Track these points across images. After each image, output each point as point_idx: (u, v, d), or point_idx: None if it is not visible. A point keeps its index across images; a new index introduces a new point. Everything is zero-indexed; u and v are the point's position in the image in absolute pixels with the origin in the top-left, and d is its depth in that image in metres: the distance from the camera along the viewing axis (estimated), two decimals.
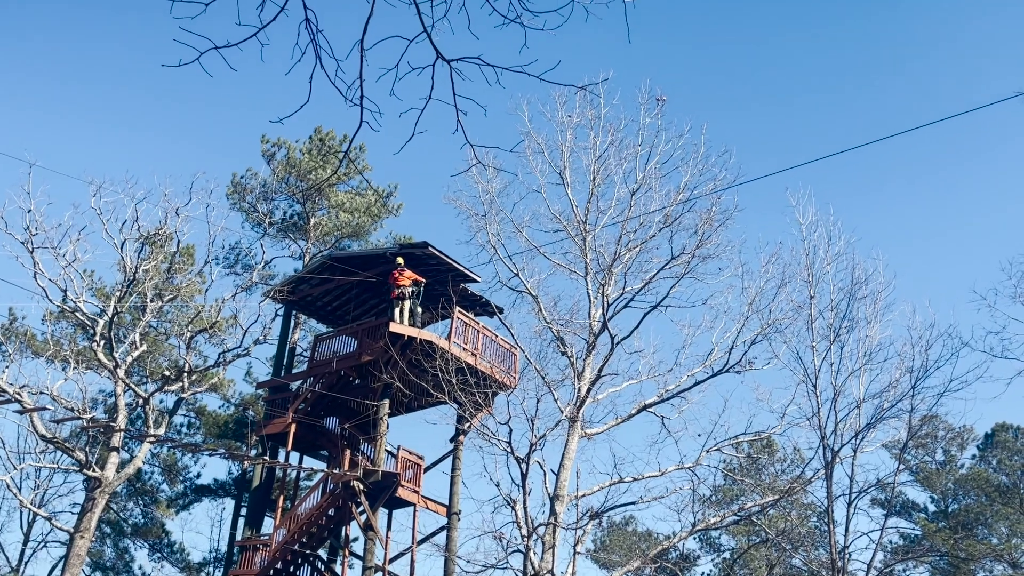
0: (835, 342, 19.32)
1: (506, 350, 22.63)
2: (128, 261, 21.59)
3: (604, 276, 18.64)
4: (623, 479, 18.39)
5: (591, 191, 19.11)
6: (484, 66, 3.91)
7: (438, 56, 3.98)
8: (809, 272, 19.97)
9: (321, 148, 30.56)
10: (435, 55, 3.96)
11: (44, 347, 26.42)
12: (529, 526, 17.16)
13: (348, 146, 3.54)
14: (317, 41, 3.90)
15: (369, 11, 3.79)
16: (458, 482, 21.68)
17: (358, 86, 4.13)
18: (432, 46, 3.93)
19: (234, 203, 30.90)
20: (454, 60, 3.96)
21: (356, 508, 20.09)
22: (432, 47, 3.94)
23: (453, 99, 4.04)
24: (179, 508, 31.87)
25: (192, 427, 31.27)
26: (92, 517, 20.82)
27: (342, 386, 22.38)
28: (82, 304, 21.83)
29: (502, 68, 3.91)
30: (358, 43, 3.89)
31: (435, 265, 21.77)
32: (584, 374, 18.19)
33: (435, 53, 3.95)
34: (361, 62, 3.92)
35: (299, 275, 24.05)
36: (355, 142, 31.04)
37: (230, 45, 3.92)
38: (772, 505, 20.55)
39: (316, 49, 3.92)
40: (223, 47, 3.91)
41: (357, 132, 4.11)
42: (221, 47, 3.90)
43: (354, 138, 4.21)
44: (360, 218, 30.19)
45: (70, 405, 21.53)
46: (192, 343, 23.13)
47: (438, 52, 3.96)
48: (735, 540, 35.36)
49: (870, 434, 19.10)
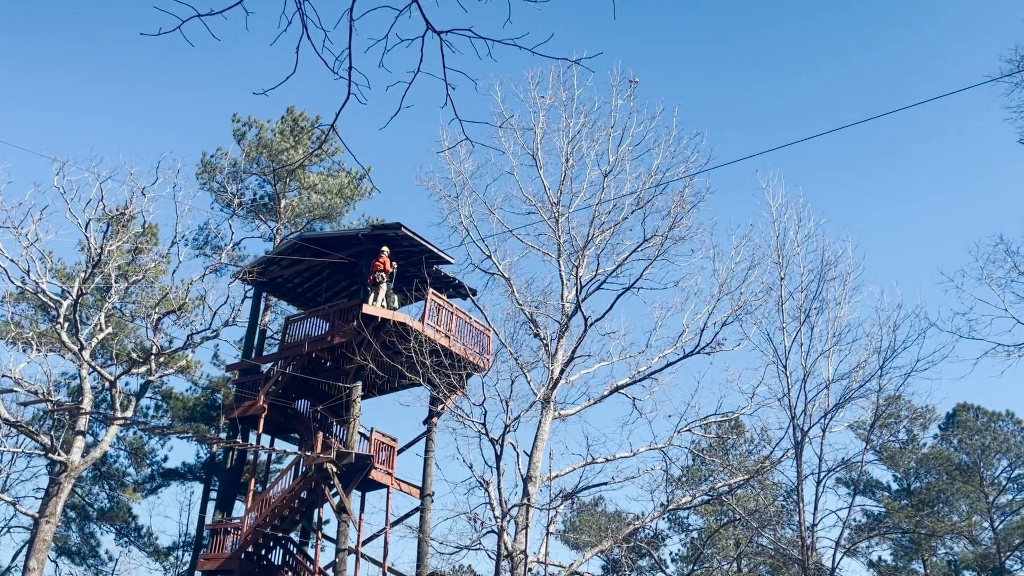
0: (805, 323, 19.55)
1: (480, 332, 22.58)
2: (92, 241, 21.15)
3: (577, 258, 18.64)
4: (595, 460, 18.49)
5: (564, 173, 19.06)
6: (475, 38, 3.83)
7: (428, 27, 3.88)
8: (779, 254, 20.15)
9: (294, 128, 30.09)
10: (425, 26, 3.87)
11: (5, 329, 25.86)
12: (503, 507, 17.19)
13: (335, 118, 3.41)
14: (304, 10, 3.79)
15: None
16: (431, 464, 21.67)
17: (345, 58, 4.03)
18: (422, 16, 3.84)
19: (203, 183, 30.41)
20: (444, 32, 3.87)
21: (329, 490, 19.99)
22: (422, 17, 3.84)
23: (443, 72, 3.95)
24: (146, 492, 31.50)
25: (160, 410, 30.86)
26: (57, 502, 20.49)
27: (314, 368, 22.20)
28: (44, 285, 21.36)
29: (494, 40, 3.83)
30: (347, 12, 3.78)
31: (408, 246, 21.63)
32: (557, 356, 18.21)
33: (425, 24, 3.86)
34: (351, 32, 3.81)
35: (269, 256, 23.75)
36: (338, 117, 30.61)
37: (214, 13, 3.79)
38: (741, 485, 20.80)
39: (303, 18, 3.80)
40: (206, 15, 3.79)
41: (344, 104, 4.01)
42: (204, 15, 3.78)
43: (340, 111, 4.12)
44: (332, 199, 29.85)
45: (34, 388, 21.11)
46: (159, 325, 22.76)
47: (428, 23, 3.87)
48: (704, 520, 35.79)
49: (838, 414, 19.38)
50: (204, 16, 3.77)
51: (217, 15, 3.78)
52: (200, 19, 3.78)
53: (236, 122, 30.43)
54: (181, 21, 3.82)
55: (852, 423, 22.52)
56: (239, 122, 30.28)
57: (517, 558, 16.69)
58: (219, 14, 3.78)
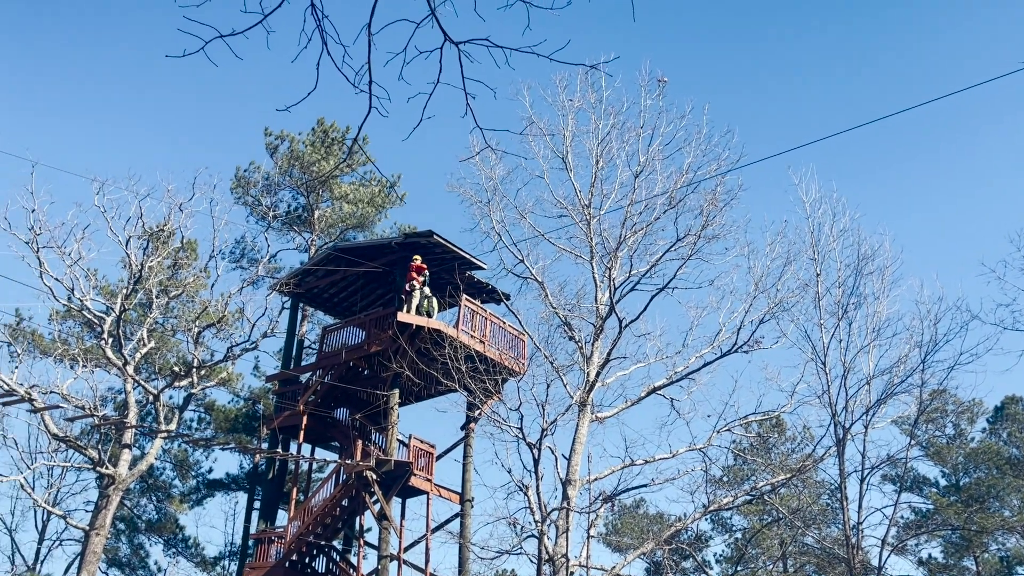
0: (843, 319, 19.29)
1: (514, 336, 22.62)
2: (133, 258, 21.58)
3: (610, 260, 18.58)
4: (634, 462, 18.41)
5: (594, 175, 19.03)
6: (493, 47, 3.86)
7: (446, 38, 3.92)
8: (815, 249, 19.92)
9: (324, 140, 30.44)
10: (443, 37, 3.91)
11: (52, 346, 26.45)
12: (542, 511, 17.20)
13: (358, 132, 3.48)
14: (323, 27, 3.86)
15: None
16: (470, 469, 21.73)
17: (365, 72, 4.09)
18: (439, 28, 3.88)
19: (238, 197, 30.86)
20: (462, 42, 3.91)
21: (370, 498, 20.15)
22: (440, 29, 3.88)
23: (462, 82, 3.99)
24: (192, 503, 31.98)
25: (203, 422, 31.33)
26: (107, 514, 20.91)
27: (351, 377, 22.40)
28: (88, 302, 21.84)
29: (511, 49, 3.86)
30: (365, 27, 3.84)
31: (440, 253, 21.74)
32: (592, 358, 18.17)
33: (443, 35, 3.90)
34: (369, 46, 3.87)
35: (305, 267, 24.03)
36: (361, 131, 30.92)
37: (235, 33, 3.87)
38: (784, 484, 20.57)
39: (322, 35, 3.87)
40: (228, 35, 3.87)
41: (366, 118, 4.07)
42: (226, 36, 3.86)
43: (363, 124, 4.17)
44: (364, 209, 30.12)
45: (81, 403, 21.57)
46: (200, 338, 23.14)
47: (445, 34, 3.91)
48: (747, 520, 35.41)
49: (881, 410, 19.09)
50: (226, 36, 3.85)
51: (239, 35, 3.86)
52: (223, 39, 3.87)
53: (268, 136, 30.87)
54: (204, 42, 3.91)
55: (896, 419, 22.15)
56: (271, 136, 30.72)
57: (558, 562, 16.68)
58: (241, 34, 3.87)
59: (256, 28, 3.90)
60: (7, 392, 18.87)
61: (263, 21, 3.85)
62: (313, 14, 3.84)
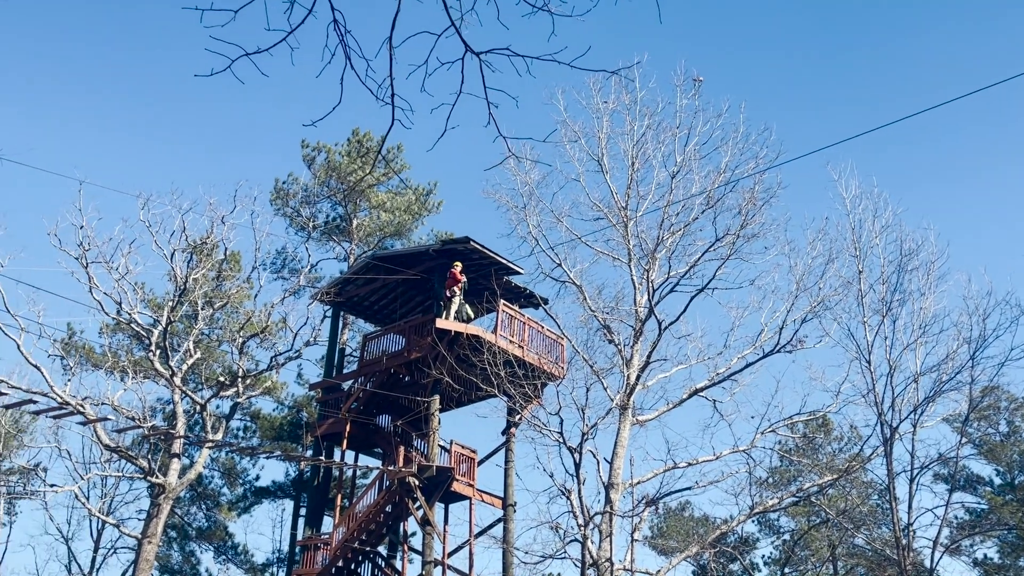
0: (887, 316, 18.94)
1: (553, 340, 22.60)
2: (178, 271, 22.01)
3: (648, 261, 18.49)
4: (677, 465, 18.29)
5: (630, 176, 18.96)
6: (513, 56, 3.89)
7: (467, 49, 3.96)
8: (856, 247, 19.60)
9: (360, 149, 30.79)
10: (464, 48, 3.94)
11: (102, 359, 27.10)
12: (585, 515, 17.16)
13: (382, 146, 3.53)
14: (346, 42, 3.92)
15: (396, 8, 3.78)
16: (512, 474, 21.75)
17: (388, 84, 4.14)
18: (460, 39, 3.92)
19: (278, 208, 31.34)
20: (483, 52, 3.94)
21: (413, 504, 20.28)
22: (460, 40, 3.92)
23: (484, 92, 4.02)
24: (240, 510, 32.50)
25: (248, 431, 31.85)
26: (158, 522, 21.34)
27: (392, 384, 22.58)
28: (136, 315, 22.32)
29: (532, 58, 3.89)
30: (386, 41, 3.89)
31: (477, 259, 21.83)
32: (632, 361, 18.08)
33: (464, 47, 3.94)
34: (390, 60, 3.93)
35: (345, 276, 24.30)
36: (390, 141, 31.26)
37: (260, 51, 3.95)
38: (831, 485, 20.25)
39: (345, 50, 3.93)
40: (253, 53, 3.95)
41: (389, 131, 4.12)
42: (252, 53, 3.94)
43: (387, 137, 4.23)
44: (401, 217, 30.40)
45: (131, 414, 22.05)
46: (244, 348, 23.52)
47: (467, 45, 3.95)
48: (795, 521, 34.89)
49: (929, 408, 18.73)
50: (252, 55, 3.93)
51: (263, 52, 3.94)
52: (248, 58, 3.95)
53: (305, 147, 31.30)
54: (231, 60, 4.00)
55: (946, 417, 21.69)
56: (308, 147, 31.15)
57: (603, 566, 16.62)
58: (265, 52, 3.95)
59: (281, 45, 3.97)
60: (61, 404, 19.36)
61: (287, 38, 3.92)
62: (336, 29, 3.91)
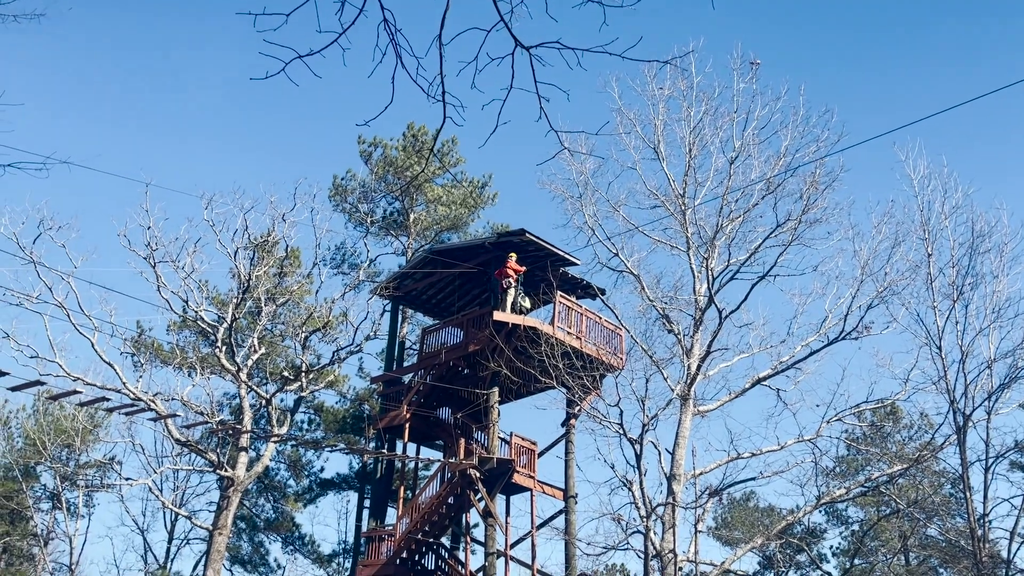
0: (959, 300, 18.36)
1: (611, 331, 22.47)
2: (241, 269, 22.48)
3: (707, 249, 18.24)
4: (740, 455, 18.05)
5: (688, 163, 18.71)
6: (564, 50, 3.84)
7: (517, 44, 3.92)
8: (925, 229, 19.01)
9: (415, 144, 31.03)
10: (514, 43, 3.91)
11: (171, 356, 27.86)
12: (647, 506, 17.05)
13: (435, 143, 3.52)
14: (396, 41, 3.92)
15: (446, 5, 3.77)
16: (572, 466, 21.73)
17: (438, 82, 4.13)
18: (510, 34, 3.89)
19: (336, 204, 31.78)
20: (533, 47, 3.90)
21: (474, 495, 20.41)
22: (510, 35, 3.89)
23: (535, 86, 3.99)
24: (306, 502, 33.12)
25: (313, 423, 32.41)
26: (228, 514, 21.88)
27: (452, 376, 22.73)
28: (202, 313, 22.87)
29: (582, 50, 3.83)
30: (436, 39, 3.88)
31: (533, 251, 21.81)
32: (693, 351, 17.88)
33: (513, 41, 3.90)
34: (440, 57, 3.92)
35: (403, 271, 24.54)
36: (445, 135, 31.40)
37: (313, 53, 3.98)
38: (901, 474, 19.75)
39: (396, 49, 3.93)
40: (306, 56, 3.98)
41: (441, 129, 4.11)
42: (304, 56, 3.97)
43: (439, 134, 4.21)
44: (457, 210, 30.57)
45: (199, 409, 22.64)
46: (307, 343, 23.93)
47: (516, 40, 3.91)
48: (863, 512, 34.13)
49: (1004, 395, 18.09)
50: (304, 57, 3.96)
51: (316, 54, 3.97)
52: (302, 60, 3.98)
53: (362, 143, 31.65)
54: (284, 63, 4.03)
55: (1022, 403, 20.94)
56: (364, 143, 31.49)
57: (666, 558, 16.51)
58: (318, 53, 3.97)
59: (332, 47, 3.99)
60: (133, 401, 19.97)
61: (338, 39, 3.94)
62: (386, 29, 3.91)
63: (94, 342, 20.84)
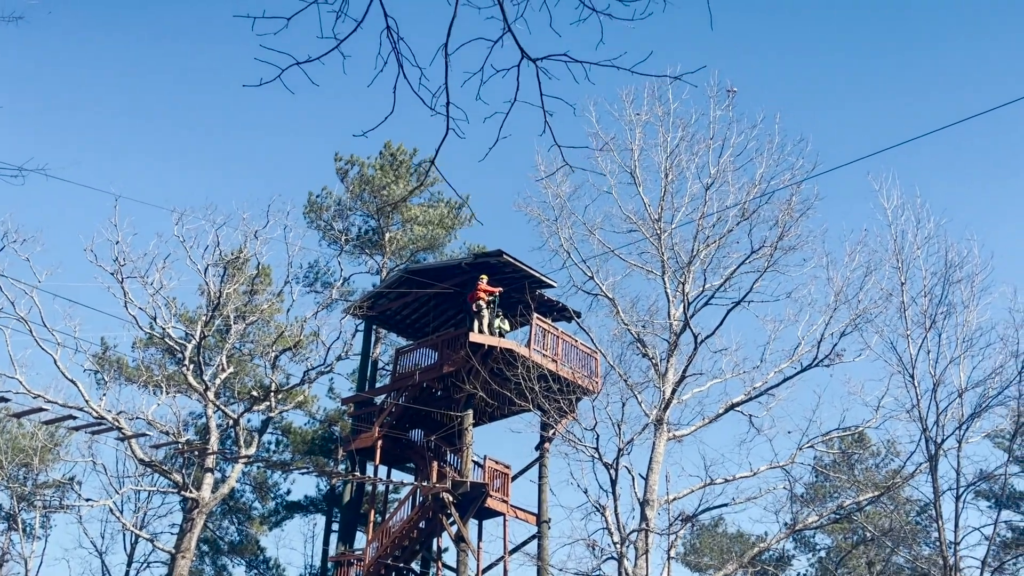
0: (931, 329, 18.49)
1: (587, 354, 22.39)
2: (211, 286, 22.11)
3: (683, 274, 18.26)
4: (714, 481, 17.98)
5: (664, 188, 18.76)
6: (571, 63, 3.75)
7: (523, 55, 3.83)
8: (898, 258, 19.18)
9: (393, 163, 30.90)
10: (520, 55, 3.81)
11: (136, 373, 27.29)
12: (621, 532, 16.89)
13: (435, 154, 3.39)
14: (399, 49, 3.81)
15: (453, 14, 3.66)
16: (546, 490, 21.52)
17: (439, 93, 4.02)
18: (517, 45, 3.79)
19: (311, 222, 31.48)
20: (540, 59, 3.81)
21: (447, 520, 20.11)
22: (517, 46, 3.79)
23: (540, 100, 3.89)
24: (272, 525, 32.49)
25: (280, 445, 31.87)
26: (191, 537, 21.35)
27: (425, 398, 22.47)
28: (170, 330, 22.44)
29: (590, 64, 3.74)
30: (442, 47, 3.77)
31: (510, 273, 21.71)
32: (668, 375, 17.83)
33: (520, 53, 3.81)
34: (446, 68, 3.80)
35: (377, 290, 24.29)
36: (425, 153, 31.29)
37: (311, 60, 3.85)
38: (872, 502, 19.80)
39: (398, 58, 3.82)
40: (304, 62, 3.85)
41: (444, 140, 4.00)
42: (302, 63, 3.84)
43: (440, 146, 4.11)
44: (434, 230, 30.40)
45: (165, 429, 22.12)
46: (276, 362, 23.55)
47: (523, 51, 3.82)
48: (832, 539, 34.23)
49: (975, 424, 18.22)
50: (303, 63, 3.83)
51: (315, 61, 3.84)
52: (299, 67, 3.85)
53: (338, 161, 31.44)
54: (281, 70, 3.90)
55: (989, 433, 21.15)
56: (341, 160, 31.30)
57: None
58: (316, 60, 3.85)
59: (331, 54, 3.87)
60: (97, 420, 19.46)
61: (339, 46, 3.82)
62: (388, 37, 3.80)
63: (57, 358, 20.32)
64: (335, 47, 3.83)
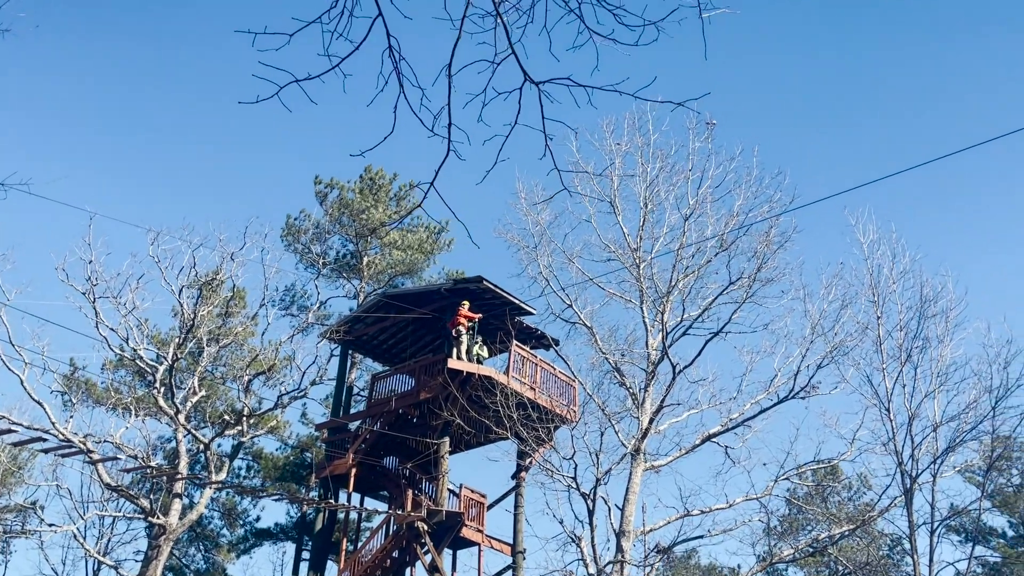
0: (907, 363, 18.66)
1: (565, 383, 22.30)
2: (185, 307, 21.79)
3: (661, 304, 18.29)
4: (690, 512, 17.88)
5: (643, 218, 18.85)
6: (574, 86, 3.73)
7: (526, 78, 3.80)
8: (874, 292, 19.38)
9: (372, 187, 30.82)
10: (522, 78, 3.79)
11: (105, 395, 26.77)
12: (596, 563, 16.72)
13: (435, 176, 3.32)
14: (400, 69, 3.76)
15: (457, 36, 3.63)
16: (522, 520, 21.30)
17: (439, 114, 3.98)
18: (520, 68, 3.76)
19: (288, 245, 31.25)
20: (542, 82, 3.79)
21: (421, 549, 19.81)
22: (520, 69, 3.76)
23: (542, 123, 3.86)
24: (240, 552, 31.85)
25: (251, 470, 31.34)
26: (157, 564, 20.82)
27: (401, 425, 22.23)
28: (142, 352, 22.05)
29: (593, 88, 3.72)
30: (445, 68, 3.74)
31: (490, 299, 21.63)
32: (645, 405, 17.77)
33: (522, 75, 3.78)
34: (449, 89, 3.76)
35: (354, 314, 24.08)
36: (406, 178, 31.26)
37: (311, 77, 3.80)
38: (847, 535, 19.80)
39: (399, 78, 3.78)
40: (303, 80, 3.80)
41: (444, 161, 3.95)
42: (302, 80, 3.79)
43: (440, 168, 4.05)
44: (413, 255, 30.30)
45: (133, 453, 21.65)
46: (249, 387, 23.20)
47: (526, 74, 3.79)
48: (805, 572, 34.19)
49: (949, 458, 18.35)
50: (302, 81, 3.77)
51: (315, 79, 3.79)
52: (298, 84, 3.79)
53: (318, 184, 31.32)
54: (279, 87, 3.84)
55: (960, 468, 21.30)
56: (321, 184, 31.18)
57: None
58: (316, 78, 3.79)
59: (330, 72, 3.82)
60: (64, 443, 19.01)
61: (338, 66, 3.77)
62: (390, 56, 3.76)
63: (24, 379, 19.86)
64: (335, 66, 3.78)
